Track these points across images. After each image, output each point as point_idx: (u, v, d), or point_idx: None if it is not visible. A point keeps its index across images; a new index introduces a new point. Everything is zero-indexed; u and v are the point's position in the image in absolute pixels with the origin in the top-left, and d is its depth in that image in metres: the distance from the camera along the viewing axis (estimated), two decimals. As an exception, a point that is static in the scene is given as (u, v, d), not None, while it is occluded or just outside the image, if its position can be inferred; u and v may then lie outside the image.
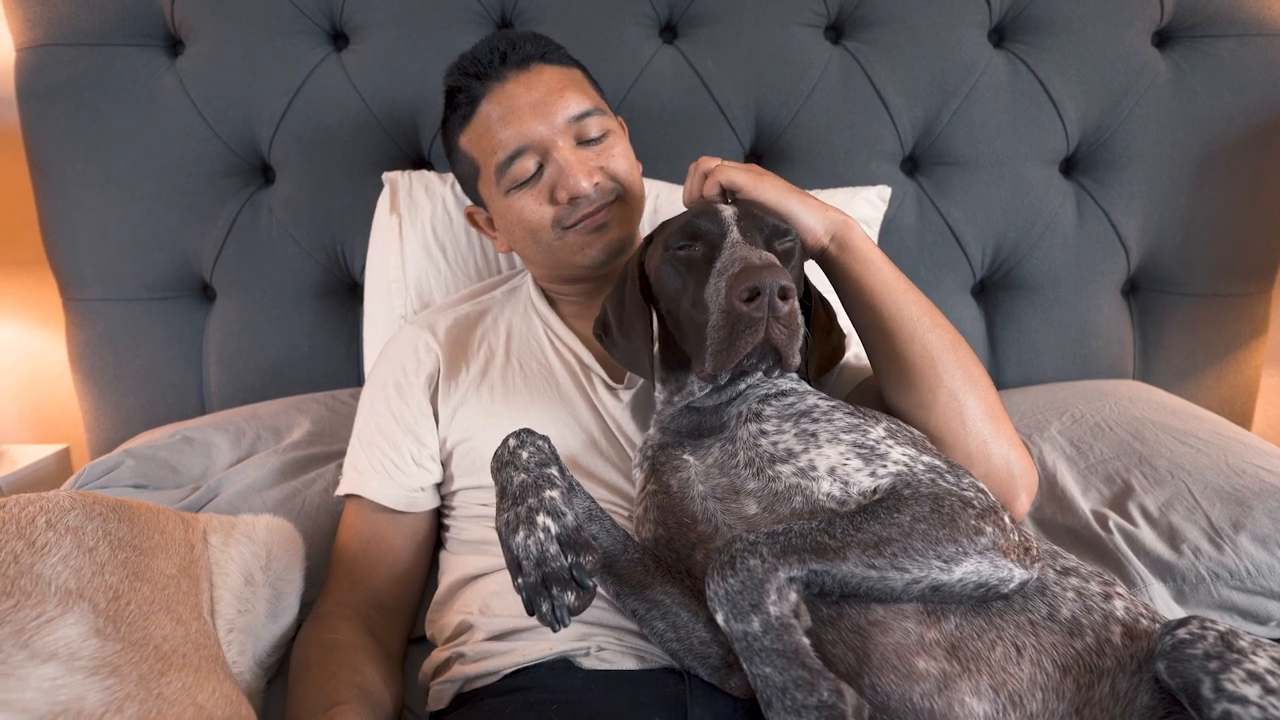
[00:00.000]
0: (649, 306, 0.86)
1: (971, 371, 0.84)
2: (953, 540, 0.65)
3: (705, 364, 0.73)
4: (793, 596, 0.64)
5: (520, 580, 0.67)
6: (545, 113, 0.95)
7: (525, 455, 0.76)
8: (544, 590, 0.66)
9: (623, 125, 1.09)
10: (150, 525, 0.75)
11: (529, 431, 0.79)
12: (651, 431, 0.87)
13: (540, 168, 0.97)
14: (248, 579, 0.83)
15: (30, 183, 1.37)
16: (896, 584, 0.65)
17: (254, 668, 0.85)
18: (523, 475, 0.74)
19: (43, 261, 1.40)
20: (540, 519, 0.69)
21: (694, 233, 0.79)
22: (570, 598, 0.65)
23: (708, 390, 0.83)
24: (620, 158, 1.00)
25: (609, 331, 0.88)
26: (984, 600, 0.67)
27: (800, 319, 0.72)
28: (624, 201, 1.00)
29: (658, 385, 0.89)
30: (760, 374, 0.82)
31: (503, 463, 0.77)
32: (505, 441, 0.78)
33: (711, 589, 0.64)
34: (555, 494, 0.72)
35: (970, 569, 0.64)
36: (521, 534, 0.68)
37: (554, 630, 0.65)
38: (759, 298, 0.68)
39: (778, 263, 0.72)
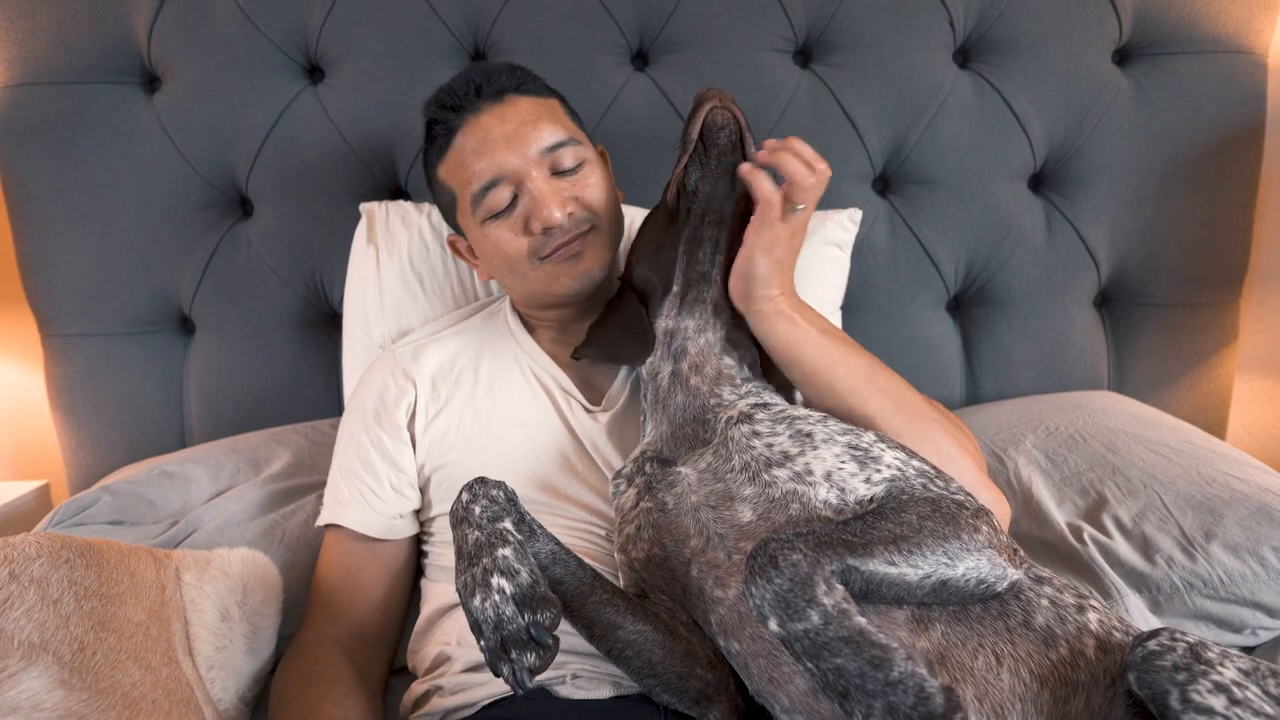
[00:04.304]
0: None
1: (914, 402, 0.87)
2: (955, 537, 0.66)
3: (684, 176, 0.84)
4: (839, 587, 0.61)
5: (482, 644, 0.66)
6: (518, 144, 0.96)
7: (478, 510, 0.74)
8: (503, 654, 0.65)
9: (604, 154, 1.10)
10: (120, 569, 0.74)
11: (481, 481, 0.78)
12: (649, 439, 0.88)
13: (515, 198, 0.97)
14: (224, 615, 0.82)
15: (8, 220, 1.37)
16: (912, 579, 0.65)
17: (236, 703, 0.84)
18: (476, 533, 0.72)
19: (21, 298, 1.40)
20: (495, 580, 0.67)
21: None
22: (531, 658, 0.64)
23: (676, 296, 0.89)
24: (595, 187, 1.00)
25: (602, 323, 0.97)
26: (981, 598, 0.68)
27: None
28: (599, 230, 1.00)
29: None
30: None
31: (458, 519, 0.75)
32: (459, 495, 0.77)
33: (756, 597, 0.60)
34: (508, 551, 0.70)
35: (972, 565, 0.66)
36: (478, 598, 0.67)
37: (515, 693, 0.65)
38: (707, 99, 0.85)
39: None
